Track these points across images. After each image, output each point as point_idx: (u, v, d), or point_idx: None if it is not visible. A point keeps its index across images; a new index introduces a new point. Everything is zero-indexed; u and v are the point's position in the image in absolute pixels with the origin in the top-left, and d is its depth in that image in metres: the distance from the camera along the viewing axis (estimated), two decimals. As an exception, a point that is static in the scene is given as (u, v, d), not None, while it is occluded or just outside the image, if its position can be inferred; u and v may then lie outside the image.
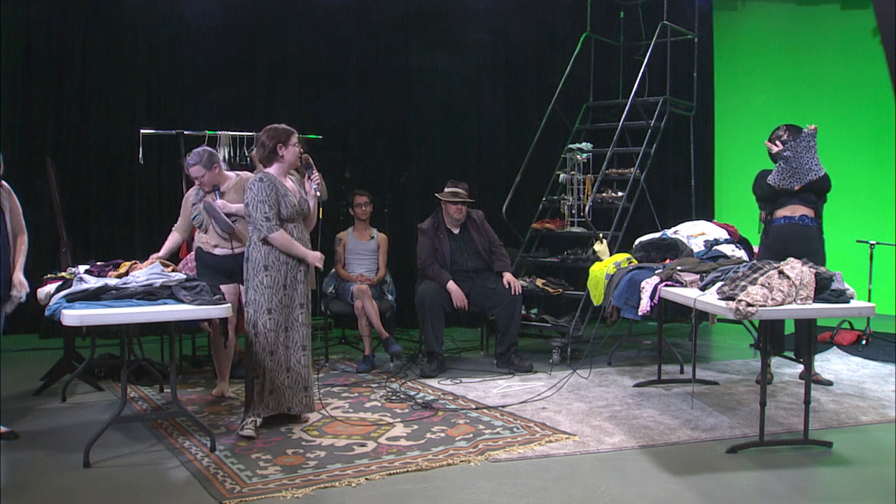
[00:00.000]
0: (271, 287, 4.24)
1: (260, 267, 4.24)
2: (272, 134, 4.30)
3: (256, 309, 4.25)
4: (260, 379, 4.26)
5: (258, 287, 4.24)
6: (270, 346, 4.26)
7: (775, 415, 4.63)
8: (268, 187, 4.20)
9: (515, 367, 5.78)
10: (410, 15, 7.73)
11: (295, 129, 4.40)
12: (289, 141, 4.31)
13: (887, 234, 7.47)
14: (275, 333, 4.27)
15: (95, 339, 4.77)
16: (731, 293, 3.90)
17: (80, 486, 3.57)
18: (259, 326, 4.25)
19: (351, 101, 7.51)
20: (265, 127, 4.36)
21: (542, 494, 3.47)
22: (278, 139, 4.29)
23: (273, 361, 4.27)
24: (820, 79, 8.66)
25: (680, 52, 7.65)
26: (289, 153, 4.32)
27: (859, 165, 8.27)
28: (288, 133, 4.33)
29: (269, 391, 4.28)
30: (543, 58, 8.06)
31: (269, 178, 4.25)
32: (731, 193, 8.52)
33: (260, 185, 4.20)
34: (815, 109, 8.38)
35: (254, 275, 4.25)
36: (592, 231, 6.48)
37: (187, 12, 7.12)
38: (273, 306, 4.25)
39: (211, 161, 4.81)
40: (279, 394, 4.31)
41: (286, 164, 4.35)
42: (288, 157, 4.33)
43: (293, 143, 4.33)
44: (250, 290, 4.28)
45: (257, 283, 4.24)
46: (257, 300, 4.25)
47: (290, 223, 4.30)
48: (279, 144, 4.28)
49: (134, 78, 7.05)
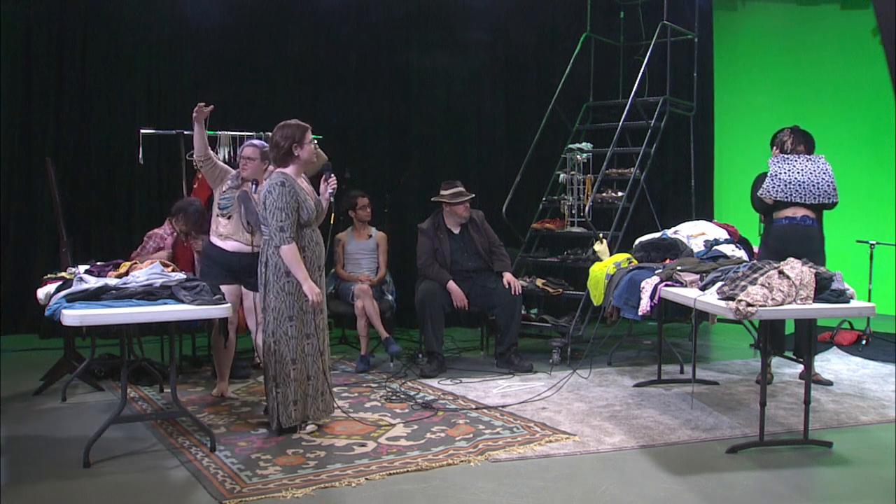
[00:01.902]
0: (293, 294, 4.12)
1: (282, 273, 4.10)
2: (286, 133, 4.14)
3: (277, 316, 4.12)
4: (282, 388, 4.17)
5: (279, 293, 4.11)
6: (292, 355, 4.15)
7: (775, 415, 4.63)
8: (288, 193, 4.04)
9: (515, 367, 5.78)
10: (410, 15, 7.73)
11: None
12: (304, 139, 4.14)
13: (887, 234, 7.47)
14: (297, 341, 4.15)
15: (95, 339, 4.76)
16: (731, 293, 3.90)
17: (80, 486, 3.56)
18: (280, 334, 4.13)
19: (351, 101, 7.51)
20: (278, 124, 4.21)
21: (542, 494, 3.47)
22: (293, 139, 4.12)
23: (297, 371, 4.16)
24: (820, 79, 8.66)
25: (680, 52, 7.65)
26: (304, 152, 4.16)
27: (859, 165, 8.26)
28: (303, 130, 4.16)
29: (292, 402, 4.17)
30: (543, 58, 8.05)
31: (289, 182, 4.08)
32: (731, 193, 8.51)
33: (281, 191, 4.04)
34: (815, 109, 8.38)
35: (275, 281, 4.12)
36: (592, 231, 6.48)
37: (187, 12, 7.11)
38: (295, 313, 4.13)
39: (265, 156, 4.76)
40: (303, 403, 4.21)
41: (302, 163, 4.20)
42: (304, 156, 4.17)
43: (308, 141, 4.18)
44: (270, 297, 4.13)
45: (278, 290, 4.11)
46: (278, 307, 4.12)
47: (309, 228, 4.18)
48: (294, 144, 4.13)
49: (134, 78, 7.05)
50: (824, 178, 5.16)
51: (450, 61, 7.81)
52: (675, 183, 8.31)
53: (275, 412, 4.20)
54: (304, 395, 4.21)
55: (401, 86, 7.73)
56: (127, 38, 7.04)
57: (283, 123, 4.21)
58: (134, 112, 7.00)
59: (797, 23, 8.82)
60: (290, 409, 4.18)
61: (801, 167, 5.18)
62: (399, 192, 7.53)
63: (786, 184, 5.18)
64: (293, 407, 4.18)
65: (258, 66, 7.34)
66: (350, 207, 6.29)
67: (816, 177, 5.15)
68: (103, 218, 7.03)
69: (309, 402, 4.24)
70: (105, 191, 7.02)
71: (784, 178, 5.18)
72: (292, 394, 4.17)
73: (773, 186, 5.22)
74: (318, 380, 4.27)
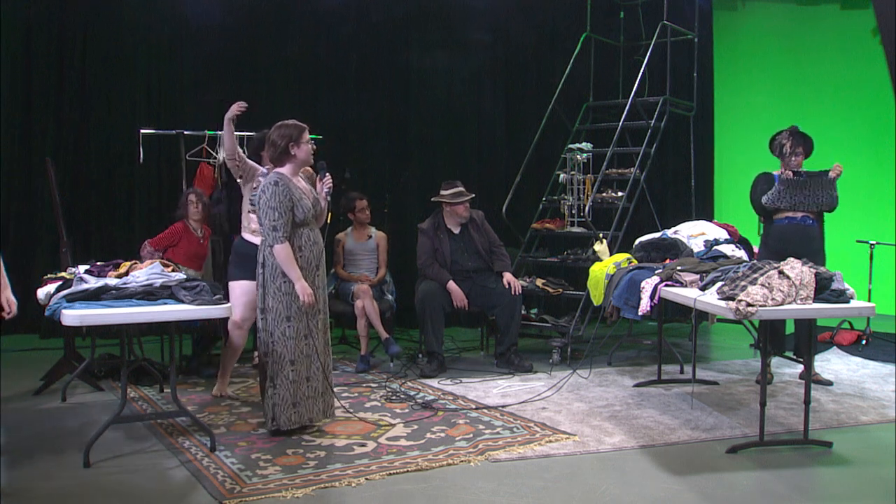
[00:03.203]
0: (290, 294, 4.09)
1: (277, 273, 4.09)
2: (283, 132, 4.14)
3: (275, 317, 4.11)
4: (279, 389, 4.15)
5: (276, 294, 4.10)
6: (290, 356, 4.12)
7: (775, 415, 4.63)
8: (282, 193, 4.03)
9: (515, 367, 5.78)
10: (410, 15, 7.73)
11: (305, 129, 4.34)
12: (301, 138, 4.14)
13: (887, 234, 7.47)
14: (294, 342, 4.12)
15: (95, 339, 4.76)
16: (731, 293, 3.90)
17: (80, 486, 3.56)
18: (277, 335, 4.11)
19: (351, 101, 7.51)
20: (275, 124, 4.21)
21: (542, 494, 3.47)
22: (290, 138, 4.12)
23: (294, 372, 4.13)
24: (820, 79, 8.66)
25: (680, 52, 7.65)
26: (301, 151, 4.15)
27: (859, 165, 8.23)
28: (300, 130, 4.16)
29: (291, 404, 4.14)
30: (543, 58, 8.06)
31: (284, 181, 4.07)
32: (731, 193, 8.51)
33: (274, 190, 4.03)
34: (815, 109, 8.39)
35: (271, 281, 4.11)
36: (592, 231, 6.48)
37: (187, 12, 7.12)
38: (292, 314, 4.11)
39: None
40: (301, 406, 4.18)
41: (299, 162, 4.19)
42: (301, 155, 4.16)
43: (305, 140, 4.18)
44: (268, 298, 4.12)
45: (275, 290, 4.10)
46: (275, 308, 4.10)
47: (305, 227, 4.16)
48: (291, 143, 4.13)
49: (134, 78, 7.05)
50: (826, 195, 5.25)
51: (450, 61, 7.81)
52: (675, 183, 8.31)
53: (269, 412, 4.17)
54: (303, 396, 4.19)
55: (401, 86, 7.73)
56: (127, 38, 7.04)
57: (280, 123, 4.21)
58: (134, 112, 7.00)
59: (797, 23, 8.82)
60: (289, 412, 4.16)
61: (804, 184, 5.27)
62: (399, 192, 7.52)
63: (792, 196, 5.26)
64: (293, 410, 4.16)
65: (258, 66, 7.34)
66: (349, 209, 6.29)
67: (819, 196, 5.25)
68: (103, 218, 7.03)
69: (309, 404, 4.22)
70: (105, 191, 7.03)
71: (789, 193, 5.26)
72: (291, 396, 4.14)
73: (779, 199, 5.28)
74: (317, 381, 4.25)
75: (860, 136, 8.45)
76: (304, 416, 4.21)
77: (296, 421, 4.18)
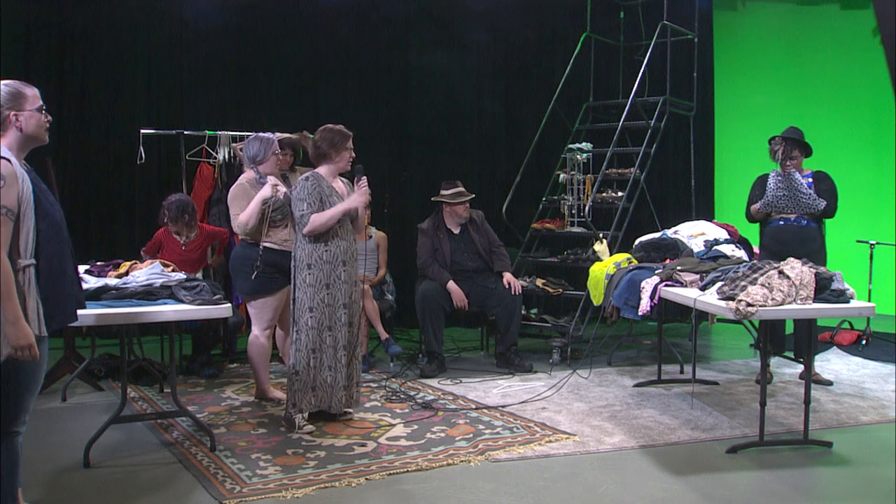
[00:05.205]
0: (314, 286, 4.27)
1: (303, 265, 4.29)
2: (327, 136, 4.34)
3: (299, 307, 4.31)
4: (300, 376, 4.29)
5: (301, 285, 4.29)
6: (312, 344, 4.29)
7: (775, 415, 4.63)
8: (311, 185, 4.27)
9: (515, 367, 5.78)
10: (410, 15, 7.73)
11: (306, 129, 4.39)
12: (343, 145, 4.35)
13: (887, 234, 7.47)
14: (316, 331, 4.29)
15: (95, 339, 4.76)
16: (731, 293, 3.90)
17: (80, 486, 3.57)
18: (301, 324, 4.30)
19: (351, 101, 7.51)
20: (321, 127, 4.39)
21: (542, 494, 3.47)
22: (332, 143, 4.33)
23: (315, 359, 4.30)
24: (820, 79, 8.66)
25: (680, 52, 7.65)
26: (341, 158, 4.37)
27: (859, 165, 8.27)
28: (344, 138, 4.37)
29: (311, 388, 4.31)
30: (543, 58, 8.06)
31: (314, 177, 4.32)
32: (731, 193, 8.51)
33: (303, 184, 4.28)
34: (815, 109, 8.39)
35: (297, 273, 4.31)
36: (592, 231, 6.48)
37: (187, 12, 7.12)
38: (314, 304, 4.28)
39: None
40: (321, 391, 4.32)
41: (337, 166, 4.38)
42: (340, 162, 4.37)
43: (347, 148, 4.37)
44: (296, 289, 4.33)
45: (300, 282, 4.30)
46: (300, 298, 4.30)
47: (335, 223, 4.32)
48: (332, 149, 4.33)
49: (134, 78, 7.05)
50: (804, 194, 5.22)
51: (450, 61, 7.81)
52: (675, 183, 8.32)
53: (291, 398, 4.32)
54: (323, 383, 4.31)
55: (401, 86, 7.73)
56: (127, 38, 7.03)
57: (327, 126, 4.39)
58: (134, 112, 7.00)
59: (797, 23, 8.82)
60: (308, 396, 4.31)
61: (783, 184, 5.27)
62: (399, 192, 7.53)
63: (775, 198, 5.25)
64: (312, 394, 4.31)
65: (258, 66, 7.34)
66: None
67: (797, 192, 5.22)
68: (103, 218, 7.03)
69: (329, 392, 4.32)
70: (105, 191, 7.02)
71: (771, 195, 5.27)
72: (310, 381, 4.30)
73: (765, 203, 5.31)
74: (341, 372, 4.34)
75: (860, 136, 8.46)
76: (324, 402, 4.33)
77: (315, 405, 4.33)
